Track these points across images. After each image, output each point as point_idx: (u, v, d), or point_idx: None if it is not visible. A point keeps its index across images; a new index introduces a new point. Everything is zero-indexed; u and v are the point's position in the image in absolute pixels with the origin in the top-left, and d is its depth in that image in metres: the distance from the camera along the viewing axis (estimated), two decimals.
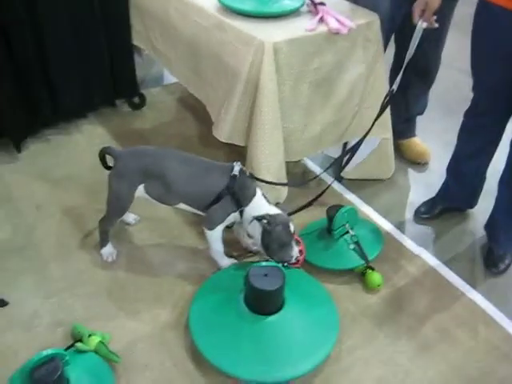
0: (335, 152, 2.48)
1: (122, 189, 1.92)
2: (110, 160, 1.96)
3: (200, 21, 2.18)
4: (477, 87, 2.05)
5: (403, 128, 2.70)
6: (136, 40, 2.78)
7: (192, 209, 1.95)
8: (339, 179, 2.48)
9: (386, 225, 2.33)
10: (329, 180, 2.39)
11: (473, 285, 2.07)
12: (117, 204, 1.97)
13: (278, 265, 1.76)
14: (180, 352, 1.76)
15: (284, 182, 2.17)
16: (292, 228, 1.84)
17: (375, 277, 1.99)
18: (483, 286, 2.07)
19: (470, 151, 2.20)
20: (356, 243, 2.04)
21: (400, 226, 2.33)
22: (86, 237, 2.17)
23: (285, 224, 1.82)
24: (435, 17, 1.91)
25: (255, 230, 1.86)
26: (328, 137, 2.26)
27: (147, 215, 2.25)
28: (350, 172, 2.48)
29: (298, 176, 2.59)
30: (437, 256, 2.19)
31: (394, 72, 2.46)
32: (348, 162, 2.25)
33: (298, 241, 2.04)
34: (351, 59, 2.13)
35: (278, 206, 1.91)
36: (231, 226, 2.05)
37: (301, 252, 2.01)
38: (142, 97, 3.04)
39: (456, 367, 1.77)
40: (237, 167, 1.87)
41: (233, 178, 1.85)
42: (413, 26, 1.95)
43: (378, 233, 2.19)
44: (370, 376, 1.74)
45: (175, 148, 2.06)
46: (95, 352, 1.67)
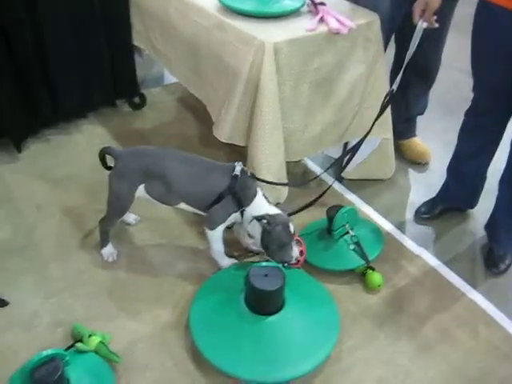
0: (335, 152, 2.47)
1: (123, 189, 1.92)
2: (110, 160, 1.96)
3: (200, 21, 2.18)
4: (477, 87, 2.05)
5: (403, 128, 2.70)
6: (136, 40, 2.78)
7: (193, 209, 1.95)
8: (340, 179, 2.48)
9: (387, 225, 2.33)
10: (329, 180, 2.39)
11: (473, 285, 2.07)
12: (117, 204, 1.97)
13: (279, 265, 1.76)
14: (180, 352, 1.76)
15: (284, 182, 2.17)
16: (292, 228, 1.84)
17: (375, 277, 1.99)
18: (484, 287, 2.07)
19: (471, 151, 2.20)
20: (356, 243, 2.04)
21: (400, 226, 2.33)
22: (86, 237, 2.16)
23: (284, 224, 1.82)
24: (435, 17, 1.91)
25: (255, 230, 1.86)
26: (328, 137, 2.26)
27: (148, 215, 2.25)
28: (351, 172, 2.47)
29: (299, 176, 2.59)
30: (437, 256, 2.18)
31: (394, 72, 2.46)
32: (348, 162, 2.24)
33: (300, 241, 2.04)
34: (351, 59, 2.13)
35: (279, 207, 1.91)
36: (231, 227, 2.04)
37: (301, 253, 2.01)
38: (143, 97, 3.04)
39: (456, 367, 1.77)
40: (238, 167, 1.87)
41: (234, 178, 1.85)
42: (413, 26, 1.95)
43: (379, 233, 2.18)
44: (371, 376, 1.74)
45: (176, 148, 2.06)
46: (95, 352, 1.67)
